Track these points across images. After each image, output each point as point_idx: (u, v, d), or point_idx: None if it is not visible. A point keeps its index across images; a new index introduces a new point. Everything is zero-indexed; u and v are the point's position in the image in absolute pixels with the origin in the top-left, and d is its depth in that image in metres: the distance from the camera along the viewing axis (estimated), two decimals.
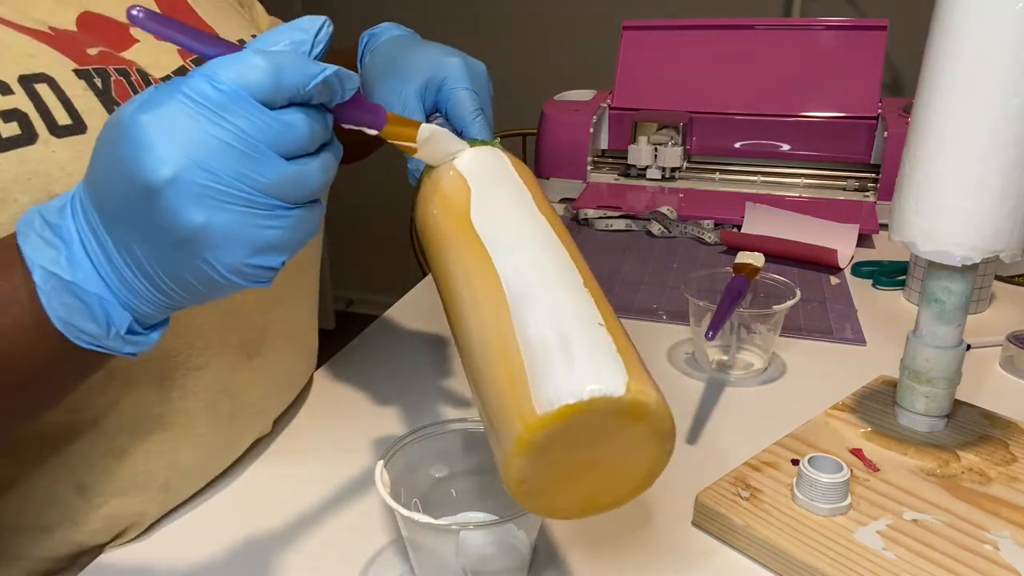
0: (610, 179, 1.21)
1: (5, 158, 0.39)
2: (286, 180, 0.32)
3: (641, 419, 0.32)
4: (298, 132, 0.32)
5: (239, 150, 0.31)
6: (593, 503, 0.35)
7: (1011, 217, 0.47)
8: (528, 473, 0.32)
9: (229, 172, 0.31)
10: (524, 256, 0.37)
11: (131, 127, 0.30)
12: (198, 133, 0.30)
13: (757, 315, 0.68)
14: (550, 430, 0.31)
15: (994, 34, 0.44)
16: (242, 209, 0.31)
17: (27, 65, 0.41)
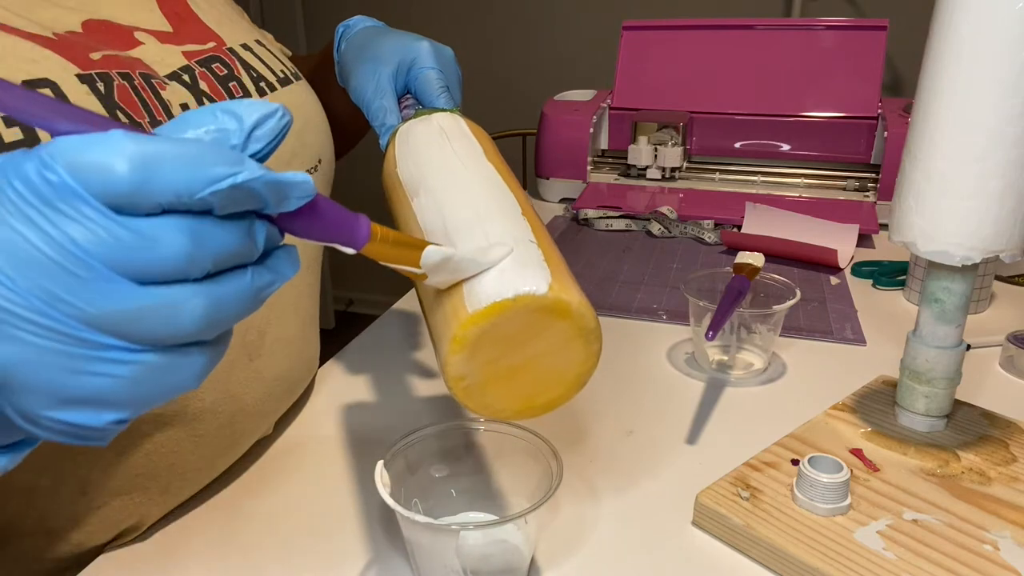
0: (610, 179, 1.21)
1: None
2: (134, 314, 0.24)
3: (564, 317, 0.34)
4: (165, 251, 0.23)
5: (57, 264, 0.23)
6: (529, 404, 0.37)
7: (1011, 217, 0.47)
8: (465, 370, 0.34)
9: (36, 291, 0.23)
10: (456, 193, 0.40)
11: None
12: (5, 232, 0.22)
13: (757, 315, 0.68)
14: (481, 326, 0.33)
15: (994, 34, 0.44)
16: (45, 343, 0.23)
17: (29, 70, 0.41)
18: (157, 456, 0.49)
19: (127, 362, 0.24)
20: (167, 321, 0.24)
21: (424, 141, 0.46)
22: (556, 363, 0.36)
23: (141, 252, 0.23)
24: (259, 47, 0.57)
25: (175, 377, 0.25)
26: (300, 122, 0.56)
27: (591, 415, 0.63)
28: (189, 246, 0.24)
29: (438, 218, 0.38)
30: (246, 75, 0.53)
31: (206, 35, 0.53)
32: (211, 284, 0.25)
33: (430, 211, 0.39)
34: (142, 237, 0.23)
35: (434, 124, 0.48)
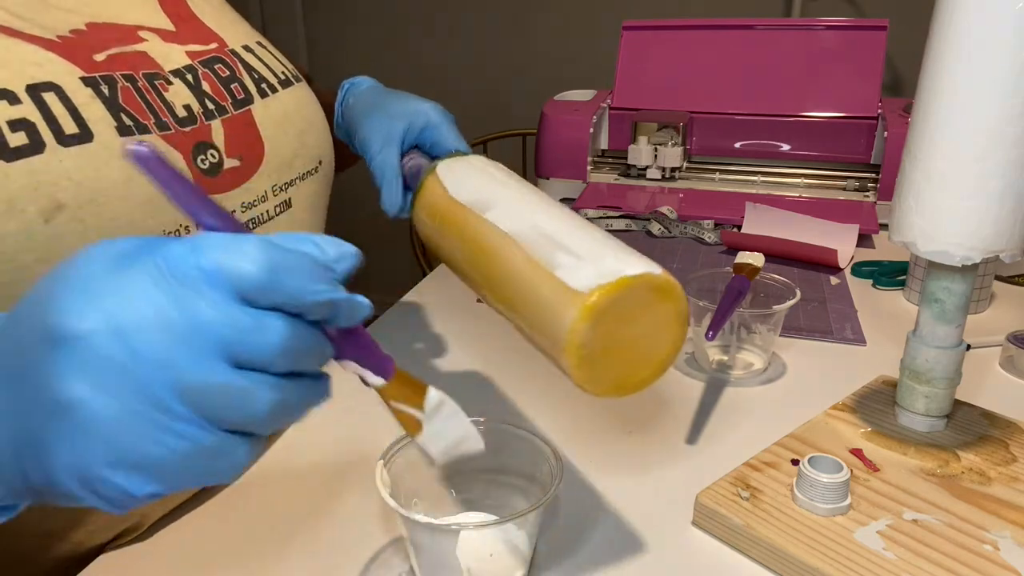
0: (610, 179, 1.21)
1: (13, 168, 0.39)
2: (219, 391, 0.26)
3: (670, 298, 0.39)
4: (268, 339, 0.27)
5: (176, 334, 0.25)
6: (625, 381, 0.40)
7: (1011, 217, 0.47)
8: (587, 339, 0.37)
9: (151, 355, 0.25)
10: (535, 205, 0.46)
11: (76, 265, 0.27)
12: (141, 300, 0.25)
13: (757, 315, 0.68)
14: (611, 297, 0.37)
15: (993, 34, 0.44)
16: (139, 404, 0.25)
17: (34, 74, 0.41)
18: None
19: (189, 437, 0.26)
20: (242, 404, 0.27)
21: (475, 170, 0.52)
22: (652, 344, 0.40)
23: (250, 337, 0.26)
24: (260, 49, 0.57)
25: (217, 465, 0.27)
26: (302, 123, 0.56)
27: (591, 415, 0.63)
28: (287, 339, 0.27)
29: (527, 224, 0.43)
30: (248, 76, 0.53)
31: (208, 36, 0.53)
32: (283, 381, 0.28)
33: (514, 219, 0.44)
34: (256, 324, 0.26)
35: (472, 159, 0.54)
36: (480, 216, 0.46)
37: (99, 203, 0.41)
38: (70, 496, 0.27)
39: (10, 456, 0.27)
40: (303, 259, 0.28)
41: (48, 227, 0.40)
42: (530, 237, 0.42)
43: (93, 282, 0.26)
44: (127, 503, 0.27)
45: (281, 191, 0.54)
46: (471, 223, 0.46)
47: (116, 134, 0.43)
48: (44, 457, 0.26)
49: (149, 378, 0.25)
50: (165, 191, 0.28)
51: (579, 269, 0.38)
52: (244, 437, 0.28)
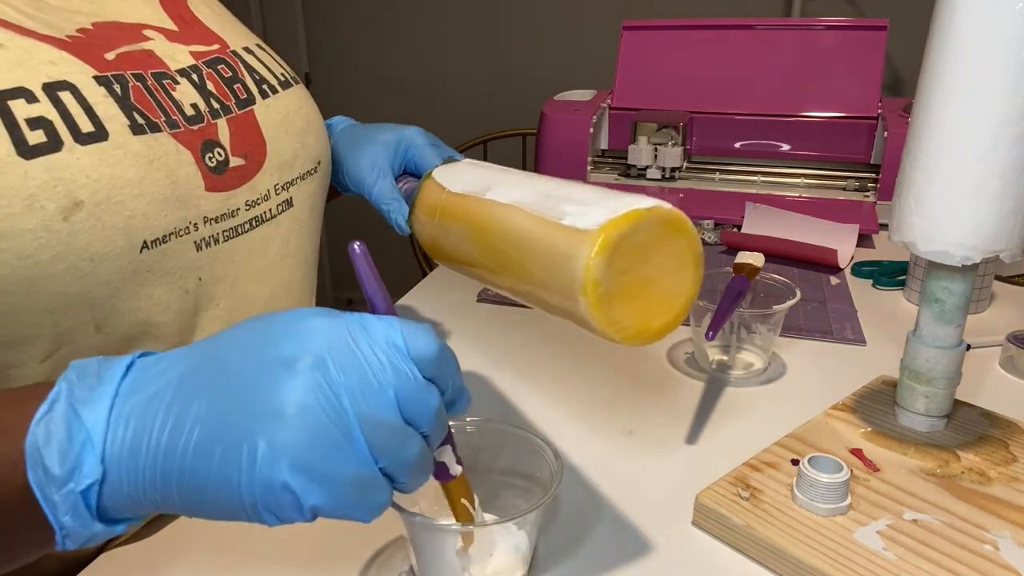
0: (610, 179, 1.21)
1: (32, 165, 0.39)
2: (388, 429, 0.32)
3: (683, 233, 0.40)
4: (429, 402, 0.33)
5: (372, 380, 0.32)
6: (646, 326, 0.40)
7: (1011, 217, 0.47)
8: (603, 275, 0.37)
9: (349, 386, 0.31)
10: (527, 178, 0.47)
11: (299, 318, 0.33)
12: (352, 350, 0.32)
13: (757, 315, 0.68)
14: (622, 230, 0.37)
15: (994, 34, 0.44)
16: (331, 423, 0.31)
17: (49, 73, 0.41)
18: None
19: (358, 461, 0.31)
20: (401, 446, 0.32)
21: (469, 167, 0.53)
22: (669, 286, 0.40)
23: (420, 395, 0.33)
24: (260, 51, 0.57)
25: (368, 497, 0.32)
26: (301, 124, 0.57)
27: (591, 415, 0.63)
28: (440, 408, 0.34)
29: (527, 192, 0.44)
30: (249, 77, 0.54)
31: (210, 37, 0.54)
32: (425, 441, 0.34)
33: (517, 190, 0.45)
34: (423, 389, 0.33)
35: (463, 161, 0.56)
36: (480, 198, 0.46)
37: (115, 201, 0.42)
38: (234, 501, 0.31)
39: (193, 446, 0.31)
40: (453, 355, 0.36)
41: (66, 224, 0.40)
42: (533, 200, 0.43)
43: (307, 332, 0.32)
44: (291, 512, 0.31)
45: (283, 190, 0.54)
46: (472, 206, 0.47)
47: (129, 132, 0.43)
48: (240, 450, 0.30)
49: (344, 405, 0.31)
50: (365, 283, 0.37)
51: (587, 213, 0.39)
52: (390, 481, 0.33)
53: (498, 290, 0.49)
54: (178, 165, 0.46)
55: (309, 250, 0.60)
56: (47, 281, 0.40)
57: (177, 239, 0.46)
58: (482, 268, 0.48)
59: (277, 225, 0.54)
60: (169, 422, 0.31)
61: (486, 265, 0.47)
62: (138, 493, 0.32)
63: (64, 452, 0.30)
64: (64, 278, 0.41)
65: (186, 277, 0.47)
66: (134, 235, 0.43)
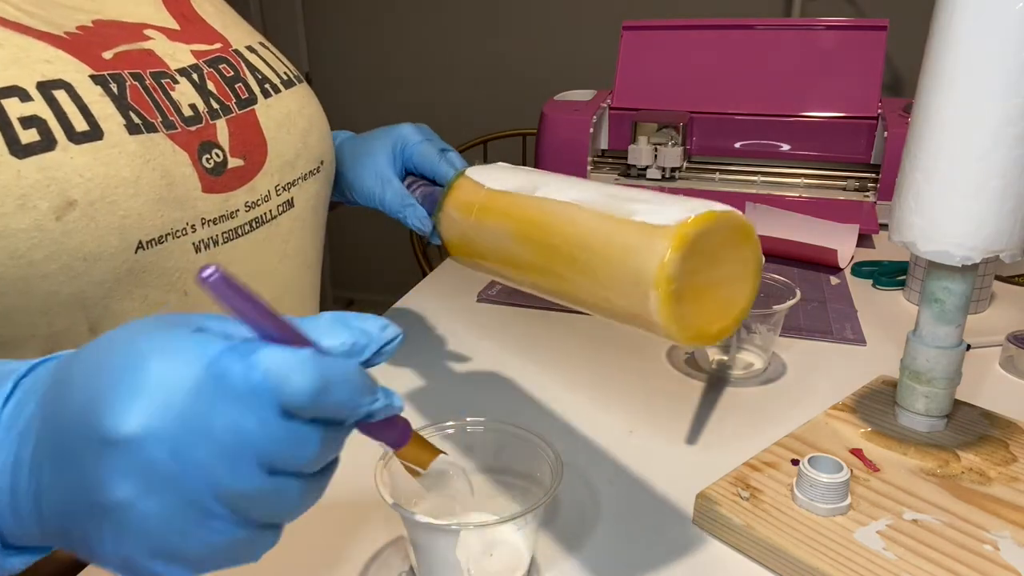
0: (610, 179, 1.21)
1: (25, 164, 0.39)
2: (255, 494, 0.27)
3: (750, 240, 0.40)
4: (306, 451, 0.28)
5: (222, 446, 0.26)
6: (706, 329, 0.40)
7: (1011, 217, 0.47)
8: (677, 272, 0.37)
9: (195, 463, 0.26)
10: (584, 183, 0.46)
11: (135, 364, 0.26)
12: (192, 411, 0.26)
13: (757, 315, 0.68)
14: (699, 228, 0.38)
15: (994, 34, 0.44)
16: (182, 506, 0.26)
17: (44, 71, 0.41)
18: None
19: (223, 532, 0.27)
20: (274, 504, 0.28)
21: (505, 169, 0.53)
22: (730, 292, 0.40)
23: (288, 449, 0.27)
24: (263, 49, 0.57)
25: (249, 551, 0.29)
26: (304, 123, 0.57)
27: (591, 415, 0.63)
28: (322, 451, 0.28)
29: (587, 192, 0.43)
30: (251, 77, 0.53)
31: (212, 36, 0.54)
32: (308, 479, 0.29)
33: (574, 190, 0.44)
34: (297, 440, 0.27)
35: (498, 165, 0.55)
36: (531, 196, 0.46)
37: (109, 200, 0.42)
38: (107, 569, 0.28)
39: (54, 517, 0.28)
40: (351, 374, 0.28)
41: (59, 224, 0.40)
42: (595, 200, 0.42)
43: (143, 383, 0.26)
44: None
45: (284, 191, 0.54)
46: (521, 203, 0.47)
47: (125, 132, 0.43)
48: (89, 541, 0.28)
49: (192, 483, 0.26)
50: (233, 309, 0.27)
51: (661, 211, 0.39)
52: (271, 528, 0.30)
53: (534, 290, 0.48)
54: (174, 166, 0.45)
55: (311, 251, 0.60)
56: (40, 281, 0.40)
57: (174, 240, 0.46)
58: (523, 267, 0.48)
59: (277, 226, 0.54)
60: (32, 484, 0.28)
61: (531, 262, 0.47)
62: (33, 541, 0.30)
63: None
64: (57, 278, 0.41)
65: (184, 279, 0.47)
66: (129, 235, 0.43)
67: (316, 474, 0.30)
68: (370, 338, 0.30)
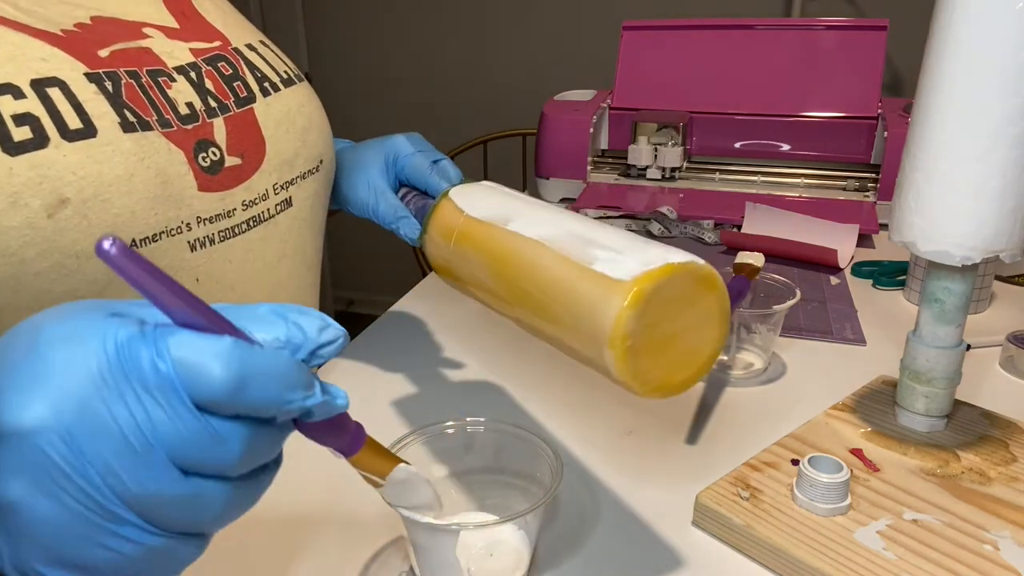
0: (610, 179, 1.21)
1: (17, 162, 0.39)
2: (168, 501, 0.25)
3: (713, 289, 0.38)
4: (225, 451, 0.25)
5: (128, 443, 0.24)
6: (669, 380, 0.39)
7: (1011, 217, 0.47)
8: (633, 328, 0.36)
9: (98, 461, 0.24)
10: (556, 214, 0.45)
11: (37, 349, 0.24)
12: (94, 401, 0.24)
13: (757, 315, 0.68)
14: (657, 283, 0.36)
15: (994, 34, 0.44)
16: (81, 509, 0.24)
17: (39, 69, 0.41)
18: None
19: (136, 542, 0.25)
20: (193, 511, 0.25)
21: (488, 191, 0.51)
22: (694, 342, 0.39)
23: (206, 448, 0.25)
24: (263, 47, 0.57)
25: (167, 564, 0.26)
26: (303, 122, 0.56)
27: (591, 415, 0.63)
28: (246, 450, 0.25)
29: (553, 228, 0.42)
30: (250, 75, 0.53)
31: (212, 34, 0.54)
32: (236, 481, 0.26)
33: (539, 226, 0.43)
34: (214, 437, 0.25)
35: (485, 183, 0.53)
36: (503, 228, 0.45)
37: (102, 199, 0.42)
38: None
39: None
40: (279, 367, 0.26)
41: (51, 222, 0.40)
42: (560, 239, 0.41)
43: (42, 372, 0.24)
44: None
45: (282, 189, 0.54)
46: (494, 236, 0.46)
47: (120, 130, 0.43)
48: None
49: (94, 484, 0.24)
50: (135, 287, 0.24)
51: (619, 261, 0.38)
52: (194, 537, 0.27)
53: (512, 321, 0.47)
54: (169, 164, 0.45)
55: (310, 250, 0.60)
56: (32, 279, 0.40)
57: (168, 238, 0.46)
58: (498, 300, 0.47)
59: (275, 225, 0.54)
60: None
61: (504, 298, 0.46)
62: None
63: None
64: (49, 276, 0.41)
65: (181, 278, 0.47)
66: (122, 233, 0.43)
67: (246, 477, 0.27)
68: (305, 337, 0.27)
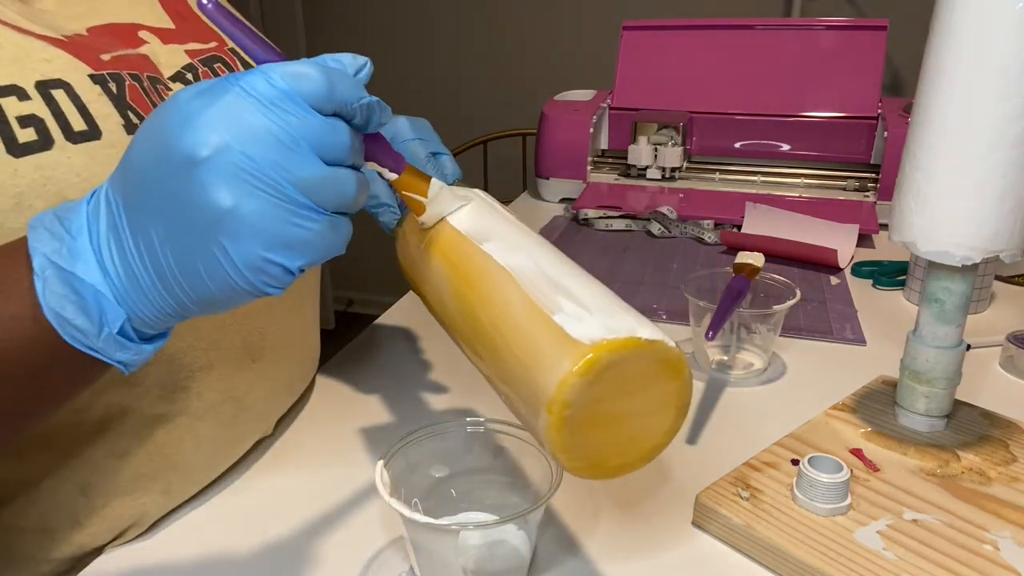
0: (610, 179, 1.21)
1: (22, 163, 0.39)
2: (322, 181, 0.33)
3: (677, 377, 0.35)
4: (341, 138, 0.33)
5: (282, 143, 0.31)
6: (604, 463, 0.36)
7: (1011, 217, 0.47)
8: (577, 398, 0.33)
9: (268, 161, 0.31)
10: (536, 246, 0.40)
11: (184, 107, 0.32)
12: (246, 121, 0.31)
13: (757, 315, 0.68)
14: (617, 355, 0.33)
15: (994, 34, 0.44)
16: (273, 199, 0.31)
17: (43, 71, 0.41)
18: (159, 456, 0.49)
19: (316, 219, 0.33)
20: (340, 191, 0.33)
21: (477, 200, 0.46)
22: (643, 427, 0.36)
23: (330, 137, 0.33)
24: None
25: (337, 237, 0.34)
26: None
27: None
28: (352, 137, 0.34)
29: (527, 260, 0.39)
30: None
31: (208, 35, 0.54)
32: (355, 171, 0.35)
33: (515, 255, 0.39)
34: (330, 126, 0.33)
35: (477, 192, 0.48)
36: (476, 245, 0.40)
37: None
38: (240, 288, 0.33)
39: (176, 267, 0.33)
40: (344, 73, 0.34)
41: None
42: (531, 275, 0.37)
43: (201, 114, 0.31)
44: (286, 280, 0.33)
45: None
46: (465, 251, 0.41)
47: (124, 132, 0.43)
48: (214, 257, 0.32)
49: (275, 179, 0.31)
50: (229, 35, 0.36)
51: (584, 319, 0.34)
52: (342, 217, 0.34)
53: (456, 345, 0.43)
54: None
55: None
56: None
57: None
58: (450, 318, 0.43)
59: None
60: (146, 255, 0.33)
61: (456, 317, 0.42)
62: (162, 314, 0.34)
63: (84, 309, 0.33)
64: None
65: None
66: None
67: (359, 171, 0.35)
68: (344, 64, 0.35)
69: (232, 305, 0.34)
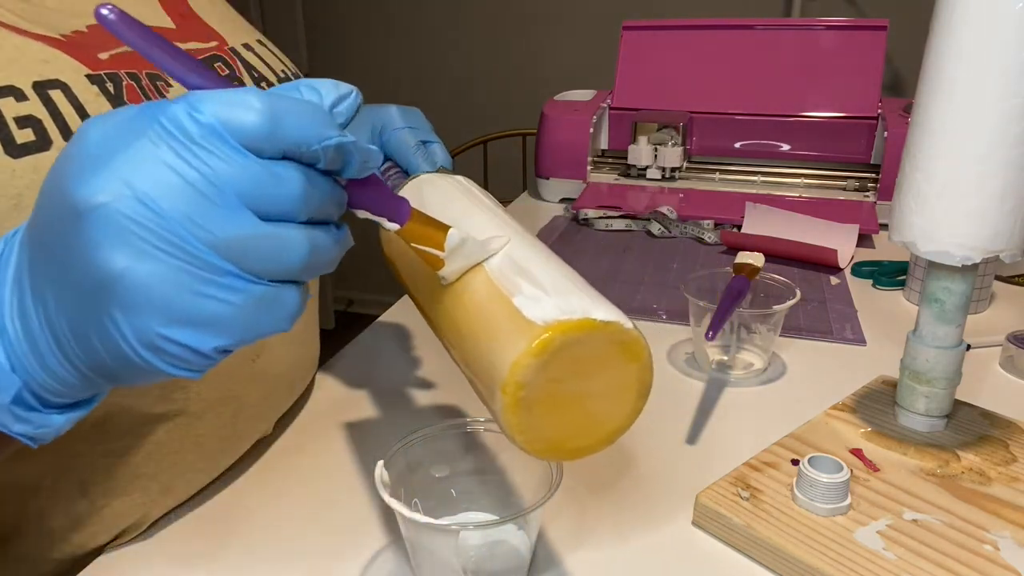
0: (610, 179, 1.21)
1: (20, 164, 0.39)
2: (252, 241, 0.26)
3: (635, 359, 0.34)
4: (286, 188, 0.27)
5: (199, 192, 0.26)
6: (560, 445, 0.35)
7: (1011, 217, 0.47)
8: (531, 379, 0.32)
9: (177, 215, 0.25)
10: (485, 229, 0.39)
11: (85, 143, 0.27)
12: (153, 163, 0.26)
13: (757, 315, 0.68)
14: (569, 336, 0.32)
15: (994, 34, 0.44)
16: (177, 263, 0.26)
17: (41, 71, 0.41)
18: (159, 456, 0.49)
19: (239, 290, 0.27)
20: (278, 254, 0.27)
21: (454, 184, 0.46)
22: (602, 409, 0.35)
23: (268, 187, 0.26)
24: (260, 47, 0.57)
25: (275, 313, 0.28)
26: None
27: None
28: (305, 187, 0.27)
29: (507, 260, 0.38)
30: (247, 75, 0.53)
31: (208, 34, 0.54)
32: (310, 229, 0.28)
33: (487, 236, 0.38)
34: (270, 173, 0.26)
35: (458, 177, 0.48)
36: None
37: None
38: (141, 367, 0.27)
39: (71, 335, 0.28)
40: (304, 105, 0.27)
41: None
42: (496, 260, 0.37)
43: (104, 152, 0.26)
44: (198, 362, 0.28)
45: None
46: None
47: None
48: (106, 329, 0.27)
49: (182, 237, 0.26)
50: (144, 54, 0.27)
51: (541, 301, 0.34)
52: (291, 285, 0.28)
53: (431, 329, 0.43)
54: None
55: None
56: None
57: None
58: (423, 302, 0.43)
59: None
60: (43, 317, 0.28)
61: (426, 301, 0.42)
62: (66, 385, 0.30)
63: None
64: None
65: None
66: None
67: (324, 226, 0.29)
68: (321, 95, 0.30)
69: (145, 381, 0.29)
